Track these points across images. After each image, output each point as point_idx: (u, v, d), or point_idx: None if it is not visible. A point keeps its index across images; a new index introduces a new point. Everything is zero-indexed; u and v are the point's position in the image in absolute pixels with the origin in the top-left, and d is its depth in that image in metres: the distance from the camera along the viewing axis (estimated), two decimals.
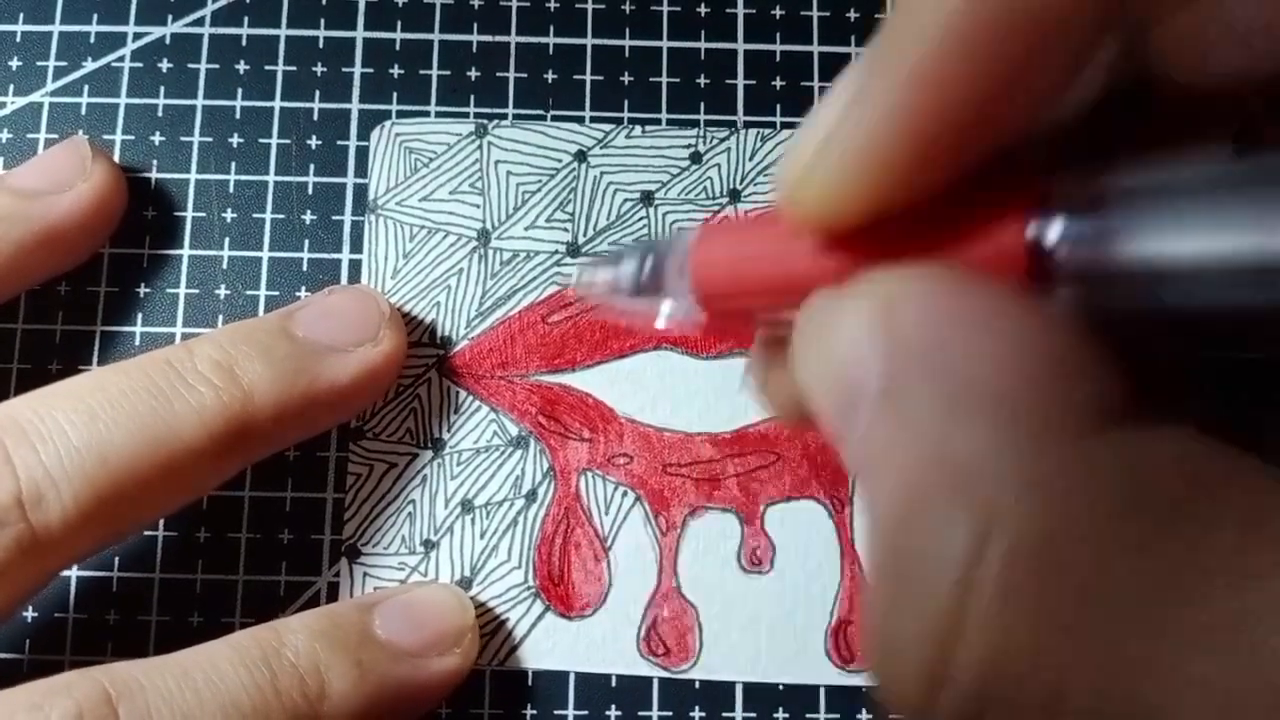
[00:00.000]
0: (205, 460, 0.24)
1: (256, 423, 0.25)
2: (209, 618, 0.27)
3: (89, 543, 0.24)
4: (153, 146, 0.30)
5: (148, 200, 0.29)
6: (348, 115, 0.30)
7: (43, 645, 0.27)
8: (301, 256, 0.29)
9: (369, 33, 0.30)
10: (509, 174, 0.30)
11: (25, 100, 0.30)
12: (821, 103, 0.14)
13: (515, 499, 0.28)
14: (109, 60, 0.30)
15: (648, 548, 0.28)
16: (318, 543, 0.28)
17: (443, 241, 0.29)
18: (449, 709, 0.27)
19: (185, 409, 0.24)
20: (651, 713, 0.27)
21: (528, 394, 0.28)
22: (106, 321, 0.29)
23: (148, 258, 0.29)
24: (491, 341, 0.29)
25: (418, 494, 0.28)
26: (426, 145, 0.30)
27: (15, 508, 0.22)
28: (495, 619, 0.27)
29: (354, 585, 0.27)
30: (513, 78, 0.30)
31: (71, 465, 0.23)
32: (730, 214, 0.28)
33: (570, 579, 0.27)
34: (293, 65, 0.30)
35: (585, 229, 0.29)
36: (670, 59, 0.30)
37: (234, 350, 0.25)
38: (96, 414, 0.23)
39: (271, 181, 0.29)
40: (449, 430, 0.28)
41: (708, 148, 0.30)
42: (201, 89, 0.30)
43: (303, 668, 0.23)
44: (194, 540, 0.27)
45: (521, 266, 0.29)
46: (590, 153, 0.30)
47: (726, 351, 0.29)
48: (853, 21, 0.31)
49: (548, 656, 0.27)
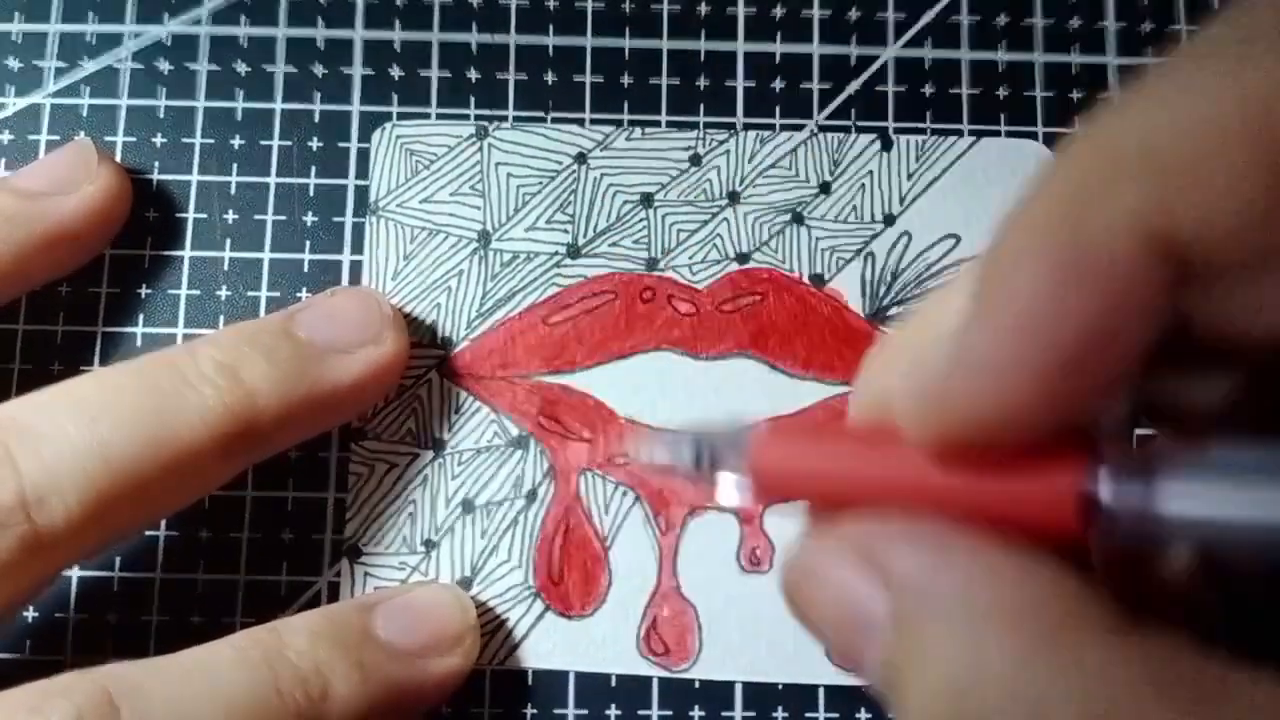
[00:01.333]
0: (207, 461, 0.24)
1: (259, 424, 0.25)
2: (210, 618, 0.27)
3: (92, 543, 0.24)
4: (154, 148, 0.30)
5: (149, 202, 0.29)
6: (348, 117, 0.30)
7: (43, 645, 0.27)
8: (303, 258, 0.29)
9: (368, 33, 0.30)
10: (509, 176, 0.30)
11: (26, 102, 0.30)
12: (925, 317, 0.16)
13: (515, 499, 0.28)
14: (108, 60, 0.30)
15: (648, 548, 0.28)
16: (319, 543, 0.28)
17: (443, 243, 0.29)
18: (449, 709, 0.27)
19: (188, 410, 0.24)
20: (651, 712, 0.27)
21: (528, 395, 0.28)
22: (108, 323, 0.29)
23: (149, 259, 0.29)
24: (492, 342, 0.29)
25: (418, 494, 0.28)
26: (427, 147, 0.30)
27: (18, 508, 0.22)
28: (495, 619, 0.27)
29: (355, 585, 0.27)
30: (512, 79, 0.30)
31: (74, 465, 0.23)
32: (792, 414, 0.27)
33: (570, 579, 0.28)
34: (292, 66, 0.30)
35: (585, 230, 0.29)
36: (670, 60, 0.30)
37: (237, 351, 0.25)
38: (99, 414, 0.23)
39: (272, 183, 0.30)
40: (450, 431, 0.28)
41: (707, 149, 0.30)
42: (202, 90, 0.30)
43: (304, 668, 0.23)
44: (195, 540, 0.28)
45: (522, 268, 0.29)
46: (590, 155, 0.30)
47: (726, 352, 0.29)
48: (853, 22, 0.31)
49: (548, 656, 0.27)
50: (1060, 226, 0.13)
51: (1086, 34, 0.31)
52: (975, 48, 0.31)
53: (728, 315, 0.29)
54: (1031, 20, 0.31)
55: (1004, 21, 0.31)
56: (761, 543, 0.28)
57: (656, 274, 0.29)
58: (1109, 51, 0.31)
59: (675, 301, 0.29)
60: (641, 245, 0.29)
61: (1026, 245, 0.14)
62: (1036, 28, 0.31)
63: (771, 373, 0.28)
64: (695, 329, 0.29)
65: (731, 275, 0.29)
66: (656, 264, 0.29)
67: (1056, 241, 0.13)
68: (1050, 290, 0.13)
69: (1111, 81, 0.31)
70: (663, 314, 0.29)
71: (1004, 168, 0.30)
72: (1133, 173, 0.13)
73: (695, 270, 0.29)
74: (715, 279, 0.29)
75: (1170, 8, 0.31)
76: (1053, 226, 0.14)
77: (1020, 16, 0.31)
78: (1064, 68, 0.31)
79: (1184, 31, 0.31)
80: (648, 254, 0.29)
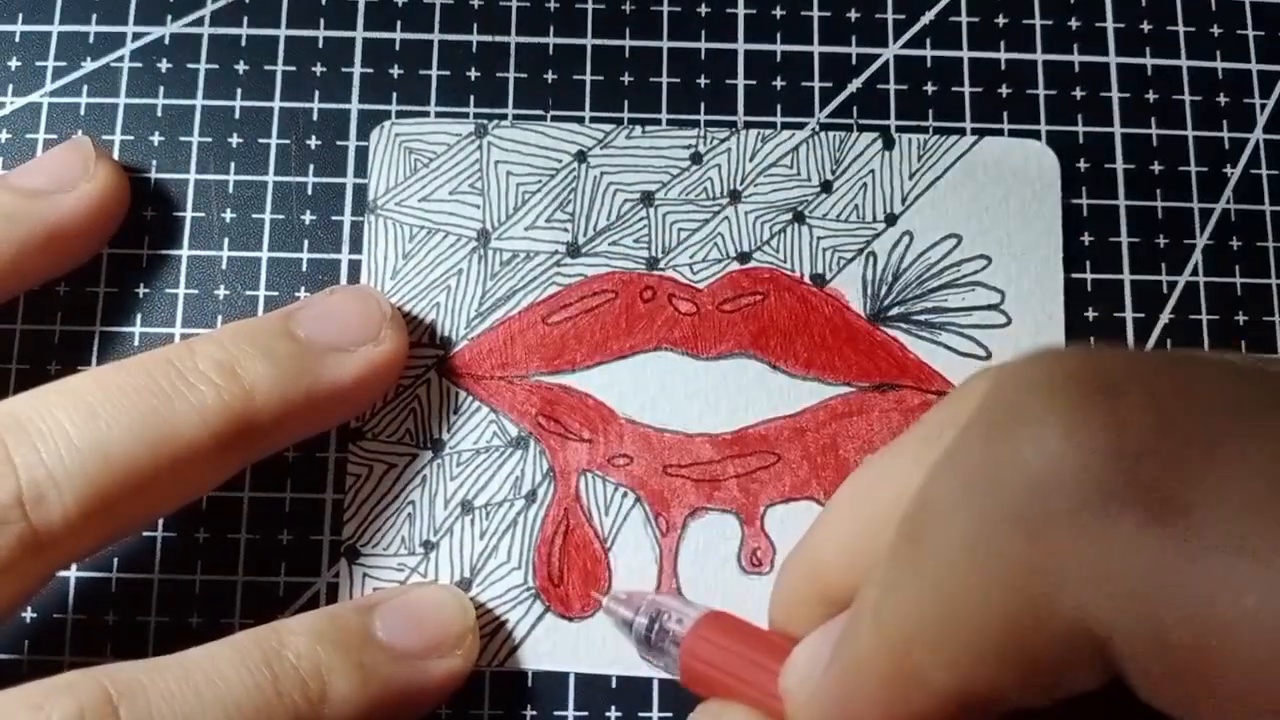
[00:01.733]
0: (206, 459, 0.24)
1: (258, 422, 0.24)
2: (208, 618, 0.27)
3: (90, 541, 0.24)
4: (152, 147, 0.30)
5: (147, 200, 0.29)
6: (347, 115, 0.30)
7: (42, 645, 0.27)
8: (301, 257, 0.29)
9: (369, 33, 0.30)
10: (509, 174, 0.30)
11: (24, 100, 0.30)
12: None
13: (515, 500, 0.28)
14: (108, 60, 0.30)
15: (648, 548, 0.28)
16: (317, 543, 0.28)
17: (442, 242, 0.29)
18: (449, 710, 0.27)
19: (186, 408, 0.24)
20: (652, 713, 0.27)
21: (527, 395, 0.28)
22: (105, 322, 0.29)
23: (147, 258, 0.29)
24: (491, 342, 0.29)
25: (417, 495, 0.28)
26: (426, 145, 0.30)
27: (16, 506, 0.22)
28: (495, 620, 0.27)
29: (353, 586, 0.27)
30: (512, 78, 0.30)
31: (72, 464, 0.23)
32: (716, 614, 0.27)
33: (570, 580, 0.27)
34: (292, 65, 0.30)
35: (585, 229, 0.29)
36: (670, 59, 0.30)
37: (235, 349, 0.25)
38: (97, 412, 0.23)
39: (271, 182, 0.29)
40: (449, 431, 0.28)
41: (708, 148, 0.30)
42: (201, 89, 0.30)
43: (304, 669, 0.23)
44: (193, 541, 0.27)
45: (521, 267, 0.29)
46: (590, 153, 0.30)
47: (726, 352, 0.29)
48: (853, 21, 0.31)
49: (548, 657, 0.27)
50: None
51: (1086, 34, 0.31)
52: (975, 48, 0.31)
53: (728, 315, 0.29)
54: (1031, 21, 0.31)
55: (1003, 22, 0.31)
56: (763, 544, 0.28)
57: (657, 273, 0.29)
58: (1109, 52, 0.31)
59: (676, 301, 0.29)
60: (642, 244, 0.29)
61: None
62: (1036, 28, 0.31)
63: (772, 372, 0.28)
64: (696, 328, 0.29)
65: (732, 274, 0.29)
66: (657, 263, 0.29)
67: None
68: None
69: (1112, 81, 0.31)
70: (663, 313, 0.29)
71: (1006, 166, 0.30)
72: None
73: (696, 269, 0.29)
74: (716, 278, 0.29)
75: (1170, 7, 0.31)
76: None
77: (1020, 16, 0.31)
78: (1065, 66, 0.31)
79: (1181, 32, 0.31)
80: (648, 253, 0.29)
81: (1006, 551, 0.16)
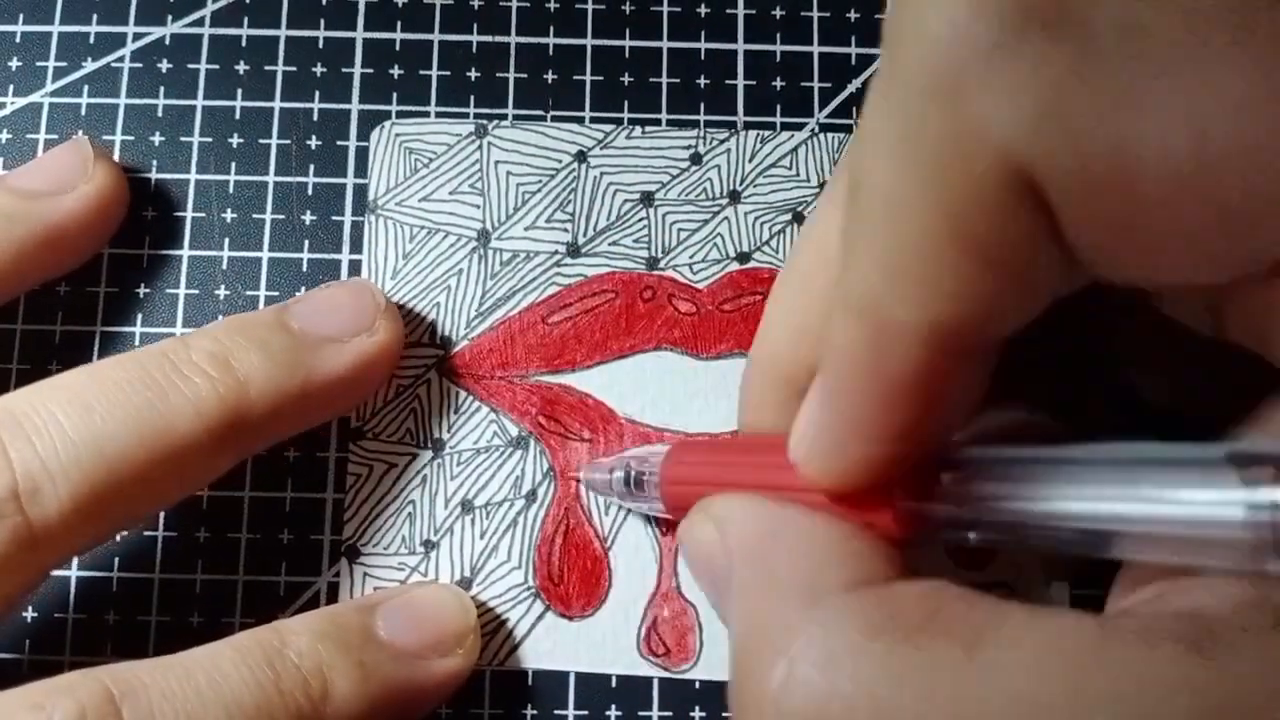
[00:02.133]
0: (201, 452, 0.24)
1: (253, 414, 0.24)
2: (209, 618, 0.27)
3: (86, 536, 0.24)
4: (152, 147, 0.30)
5: (147, 201, 0.29)
6: (347, 115, 0.30)
7: (43, 645, 0.27)
8: (301, 257, 0.29)
9: (369, 33, 0.30)
10: (509, 174, 0.30)
11: (25, 101, 0.30)
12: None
13: (515, 499, 0.28)
14: (109, 60, 0.30)
15: (648, 548, 0.28)
16: (317, 543, 0.28)
17: (443, 242, 0.29)
18: (449, 709, 0.27)
19: (181, 401, 0.24)
20: (652, 713, 0.27)
21: (528, 394, 0.28)
22: (106, 322, 0.29)
23: (147, 258, 0.29)
24: (491, 342, 0.29)
25: (418, 494, 0.28)
26: (426, 145, 0.30)
27: (11, 500, 0.22)
28: (495, 619, 0.27)
29: (354, 586, 0.27)
30: (512, 78, 0.30)
31: (68, 458, 0.23)
32: (689, 438, 0.28)
33: (570, 579, 0.27)
34: (292, 65, 0.30)
35: (585, 229, 0.29)
36: (670, 59, 0.30)
37: (229, 342, 0.25)
38: (92, 406, 0.23)
39: (271, 182, 0.29)
40: (449, 431, 0.28)
41: (708, 148, 0.30)
42: (201, 89, 0.30)
43: (306, 668, 0.23)
44: (194, 540, 0.27)
45: (521, 267, 0.29)
46: (590, 153, 0.30)
47: (726, 352, 0.29)
48: (853, 21, 0.31)
49: (548, 657, 0.27)
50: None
51: None
52: None
53: (728, 315, 0.29)
54: None
55: None
56: None
57: (657, 273, 0.29)
58: None
59: (675, 301, 0.29)
60: (642, 244, 0.29)
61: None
62: None
63: None
64: (695, 328, 0.29)
65: (732, 275, 0.29)
66: (657, 263, 0.29)
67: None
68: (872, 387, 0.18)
69: None
70: (663, 313, 0.29)
71: None
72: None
73: (696, 269, 0.29)
74: (716, 278, 0.29)
75: None
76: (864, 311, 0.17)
77: None
78: None
79: None
80: (648, 253, 0.29)
81: (935, 130, 0.16)
